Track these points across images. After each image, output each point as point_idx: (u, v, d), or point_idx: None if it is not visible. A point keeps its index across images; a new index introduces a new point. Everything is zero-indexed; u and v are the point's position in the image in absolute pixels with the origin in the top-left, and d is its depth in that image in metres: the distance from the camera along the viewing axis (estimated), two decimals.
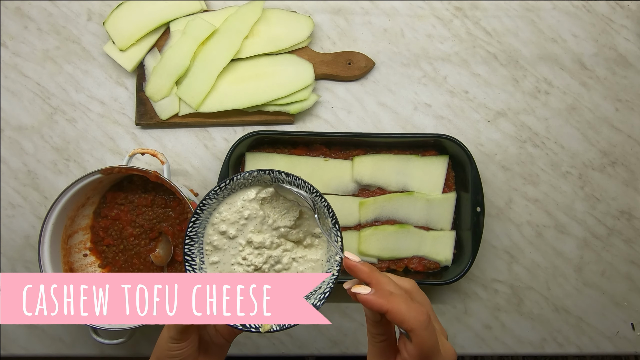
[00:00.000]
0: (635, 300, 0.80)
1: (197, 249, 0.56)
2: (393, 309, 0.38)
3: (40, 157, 0.82)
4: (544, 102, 0.83)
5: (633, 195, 0.82)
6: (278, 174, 0.54)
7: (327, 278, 0.54)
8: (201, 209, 0.55)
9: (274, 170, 0.54)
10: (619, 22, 0.85)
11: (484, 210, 0.74)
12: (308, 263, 0.57)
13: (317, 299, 0.53)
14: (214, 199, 0.55)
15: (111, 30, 0.80)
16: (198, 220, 0.55)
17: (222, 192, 0.55)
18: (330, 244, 0.54)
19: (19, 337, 0.79)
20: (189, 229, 0.55)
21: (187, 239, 0.55)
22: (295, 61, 0.80)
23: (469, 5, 0.85)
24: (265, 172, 0.54)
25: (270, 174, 0.55)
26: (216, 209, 0.57)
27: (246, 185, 0.56)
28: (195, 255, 0.55)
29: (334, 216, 0.54)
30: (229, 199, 0.57)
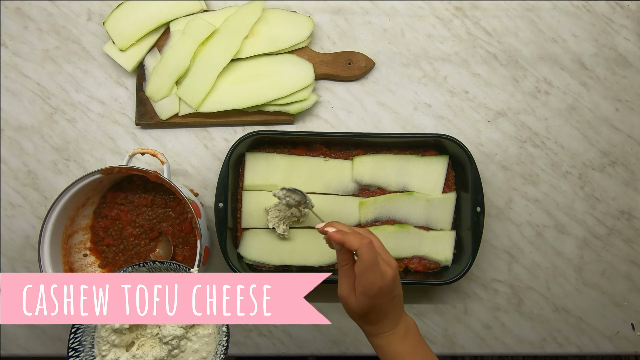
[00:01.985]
0: (635, 300, 0.80)
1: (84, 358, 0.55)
2: (346, 239, 0.54)
3: (40, 157, 0.82)
4: (544, 102, 0.83)
5: (633, 195, 0.82)
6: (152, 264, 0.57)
7: (220, 350, 0.56)
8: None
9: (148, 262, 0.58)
10: (619, 22, 0.85)
11: (484, 210, 0.74)
12: (201, 339, 0.58)
13: None
14: None
15: (111, 30, 0.80)
16: (79, 329, 0.55)
17: None
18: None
19: (19, 337, 0.79)
20: (70, 340, 0.54)
21: (70, 351, 0.54)
22: (295, 61, 0.80)
23: (469, 5, 0.85)
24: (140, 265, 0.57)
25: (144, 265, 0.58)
26: None
27: None
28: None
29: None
30: None
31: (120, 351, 0.57)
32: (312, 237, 0.76)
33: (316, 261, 0.76)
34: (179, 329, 0.56)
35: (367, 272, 0.53)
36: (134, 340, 0.58)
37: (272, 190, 0.77)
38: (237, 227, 0.78)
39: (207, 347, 0.57)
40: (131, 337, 0.58)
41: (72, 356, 0.54)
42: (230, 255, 0.73)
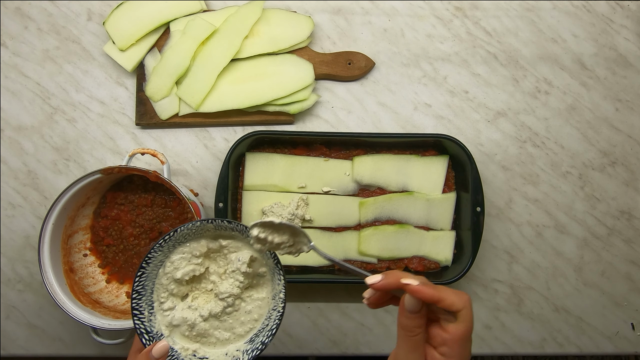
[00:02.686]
0: (635, 300, 0.80)
1: (146, 302, 0.56)
2: (444, 296, 0.43)
3: (40, 157, 0.82)
4: (544, 102, 0.83)
5: (633, 195, 0.82)
6: (221, 222, 0.56)
7: (274, 315, 0.57)
8: (147, 263, 0.56)
9: (216, 219, 0.56)
10: (619, 22, 0.85)
11: (484, 210, 0.74)
12: (255, 302, 0.59)
13: (265, 336, 0.56)
14: (159, 251, 0.56)
15: (111, 30, 0.80)
16: (144, 274, 0.56)
17: (166, 244, 0.56)
18: (274, 282, 0.58)
19: (19, 337, 0.79)
20: (135, 283, 0.55)
21: (134, 293, 0.55)
22: (295, 61, 0.80)
23: (469, 5, 0.85)
24: (208, 221, 0.56)
25: (213, 222, 0.56)
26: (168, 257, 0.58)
27: (191, 235, 0.57)
28: (143, 309, 0.56)
29: (276, 256, 0.56)
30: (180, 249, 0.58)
31: (177, 300, 0.59)
32: (311, 238, 0.76)
33: (316, 261, 0.76)
34: (235, 288, 0.57)
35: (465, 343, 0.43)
36: (188, 292, 0.59)
37: (272, 190, 0.77)
38: None
39: (259, 310, 0.58)
40: (187, 289, 0.59)
41: (135, 298, 0.55)
42: None
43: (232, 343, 0.58)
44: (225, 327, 0.58)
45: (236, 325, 0.58)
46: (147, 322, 0.56)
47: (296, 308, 0.79)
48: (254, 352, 0.55)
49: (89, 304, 0.70)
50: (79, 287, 0.72)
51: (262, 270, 0.59)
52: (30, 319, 0.79)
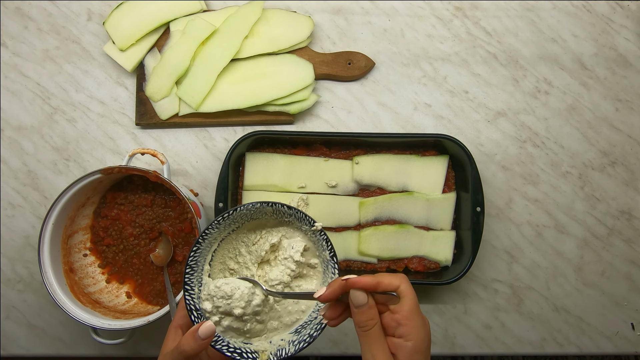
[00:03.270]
0: (635, 300, 0.80)
1: (197, 278, 0.55)
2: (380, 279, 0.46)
3: (40, 157, 0.82)
4: (544, 102, 0.83)
5: (633, 195, 0.82)
6: (280, 207, 0.55)
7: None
8: (203, 239, 0.55)
9: (277, 203, 0.55)
10: (619, 22, 0.85)
11: (484, 210, 0.74)
12: None
13: (314, 329, 0.54)
14: (216, 228, 0.55)
15: (111, 30, 0.80)
16: (199, 249, 0.55)
17: (224, 222, 0.55)
18: (326, 275, 0.56)
19: (19, 337, 0.79)
20: (189, 258, 0.54)
21: (187, 268, 0.54)
22: (295, 61, 0.80)
23: (469, 5, 0.85)
24: (268, 204, 0.55)
25: (272, 206, 0.55)
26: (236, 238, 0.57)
27: (247, 217, 0.57)
28: (194, 285, 0.55)
29: (333, 249, 0.55)
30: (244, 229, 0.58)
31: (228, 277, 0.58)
32: None
33: None
34: (286, 276, 0.56)
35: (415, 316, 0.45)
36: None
37: (272, 190, 0.77)
38: None
39: (307, 302, 0.57)
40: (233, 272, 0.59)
41: (188, 274, 0.54)
42: None
43: (277, 332, 0.57)
44: (272, 315, 0.56)
45: (284, 314, 0.57)
46: (197, 299, 0.54)
47: None
48: (300, 343, 0.54)
49: (89, 304, 0.70)
50: (79, 287, 0.72)
51: (313, 262, 0.58)
52: (30, 319, 0.79)
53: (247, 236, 0.58)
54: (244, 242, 0.58)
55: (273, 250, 0.58)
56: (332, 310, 0.49)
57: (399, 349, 0.45)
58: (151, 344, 0.78)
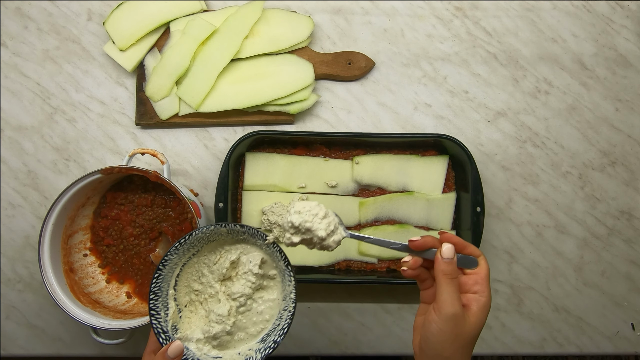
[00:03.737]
0: (635, 300, 0.80)
1: (162, 303, 0.58)
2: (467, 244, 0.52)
3: (40, 157, 0.82)
4: (544, 102, 0.83)
5: (633, 195, 0.82)
6: (233, 226, 0.58)
7: (285, 315, 0.59)
8: (164, 265, 0.58)
9: (229, 223, 0.58)
10: (619, 22, 0.85)
11: (484, 210, 0.74)
12: (266, 303, 0.61)
13: (277, 335, 0.58)
14: (174, 254, 0.58)
15: (111, 30, 0.80)
16: (161, 275, 0.58)
17: (182, 247, 0.58)
18: (284, 283, 0.60)
19: (19, 337, 0.79)
20: (152, 284, 0.57)
21: (151, 294, 0.57)
22: (295, 61, 0.80)
23: (469, 5, 0.85)
24: (221, 225, 0.58)
25: (226, 226, 0.58)
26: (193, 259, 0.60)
27: (204, 239, 0.60)
28: (160, 309, 0.58)
29: (286, 259, 0.58)
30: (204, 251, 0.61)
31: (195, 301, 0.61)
32: None
33: (316, 261, 0.76)
34: (247, 288, 0.59)
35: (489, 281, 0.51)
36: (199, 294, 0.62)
37: (272, 190, 0.77)
38: None
39: (270, 310, 0.60)
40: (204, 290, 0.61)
41: (152, 299, 0.57)
42: None
43: (245, 343, 0.60)
44: (239, 327, 0.59)
45: (249, 325, 0.60)
46: (164, 322, 0.57)
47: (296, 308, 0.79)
48: (266, 350, 0.57)
49: (89, 304, 0.70)
50: (79, 287, 0.72)
51: (272, 273, 0.61)
52: (30, 319, 0.79)
53: (208, 257, 0.61)
54: (206, 264, 0.61)
55: (234, 267, 0.61)
56: (415, 261, 0.53)
57: (474, 302, 0.51)
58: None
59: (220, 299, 0.60)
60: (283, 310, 0.60)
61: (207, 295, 0.61)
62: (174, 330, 0.58)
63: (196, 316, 0.61)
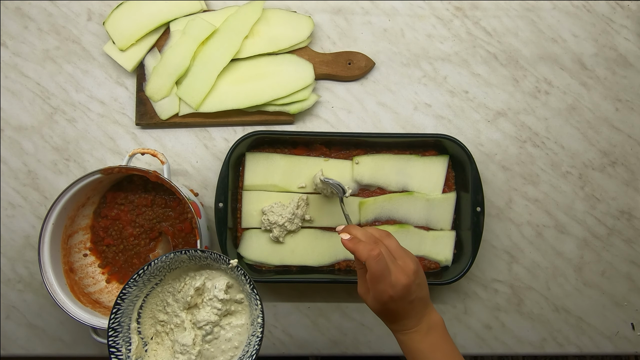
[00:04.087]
0: (635, 300, 0.80)
1: (123, 339, 0.56)
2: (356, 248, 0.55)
3: (40, 157, 0.82)
4: (544, 102, 0.83)
5: (633, 195, 0.82)
6: (194, 252, 0.57)
7: (253, 341, 0.57)
8: (122, 299, 0.56)
9: (189, 250, 0.57)
10: (619, 22, 0.85)
11: (484, 210, 0.74)
12: (235, 329, 0.59)
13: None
14: (133, 286, 0.56)
15: (111, 30, 0.80)
16: (120, 310, 0.56)
17: (141, 279, 0.56)
18: (252, 308, 0.58)
19: (19, 337, 0.79)
20: (111, 320, 0.55)
21: (110, 331, 0.55)
22: (295, 61, 0.80)
23: (469, 5, 0.85)
24: (181, 252, 0.57)
25: (186, 253, 0.57)
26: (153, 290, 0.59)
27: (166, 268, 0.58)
28: (120, 346, 0.56)
29: (252, 282, 0.57)
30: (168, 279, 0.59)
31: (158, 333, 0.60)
32: (312, 237, 0.76)
33: (316, 261, 0.76)
34: (213, 315, 0.58)
35: (375, 283, 0.54)
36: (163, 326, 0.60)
37: (272, 190, 0.77)
38: (237, 227, 0.78)
39: (239, 337, 0.59)
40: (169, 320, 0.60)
41: (112, 336, 0.56)
42: (230, 255, 0.73)
43: None
44: (206, 356, 0.58)
45: (217, 354, 0.58)
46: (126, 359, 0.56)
47: (296, 308, 0.79)
48: None
49: (89, 304, 0.70)
50: (79, 287, 0.72)
51: (239, 297, 0.60)
52: (30, 319, 0.79)
53: (172, 285, 0.60)
54: (170, 292, 0.60)
55: (199, 294, 0.59)
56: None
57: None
58: None
59: (185, 328, 0.58)
60: (251, 335, 0.58)
61: (173, 325, 0.59)
62: None
63: (163, 348, 0.59)
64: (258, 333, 0.57)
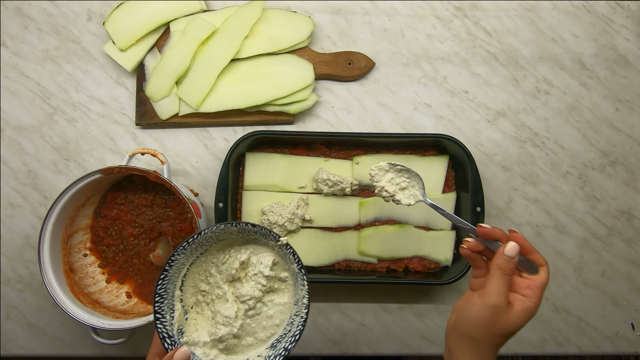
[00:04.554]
0: (635, 300, 0.80)
1: (168, 305, 0.56)
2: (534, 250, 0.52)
3: (40, 157, 0.82)
4: (544, 102, 0.83)
5: (633, 195, 0.82)
6: (244, 226, 0.56)
7: (296, 321, 0.56)
8: (170, 266, 0.56)
9: (241, 222, 0.56)
10: (619, 22, 0.85)
11: (484, 210, 0.74)
12: (277, 307, 0.58)
13: (289, 342, 0.55)
14: (182, 254, 0.56)
15: (111, 30, 0.80)
16: (167, 276, 0.56)
17: (190, 247, 0.56)
18: (297, 287, 0.57)
19: (19, 337, 0.79)
20: (158, 286, 0.55)
21: (156, 297, 0.55)
22: (295, 61, 0.80)
23: (469, 5, 0.85)
24: (232, 224, 0.56)
25: (237, 225, 0.56)
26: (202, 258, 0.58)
27: (214, 238, 0.58)
28: (165, 312, 0.56)
29: (300, 262, 0.56)
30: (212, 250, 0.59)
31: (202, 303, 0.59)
32: (311, 237, 0.76)
33: (316, 261, 0.76)
34: (257, 291, 0.57)
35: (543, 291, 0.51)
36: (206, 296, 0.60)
37: (272, 190, 0.77)
38: None
39: (281, 315, 0.58)
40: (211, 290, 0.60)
41: (158, 302, 0.55)
42: None
43: (253, 348, 0.57)
44: (247, 331, 0.57)
45: (258, 329, 0.58)
46: (169, 326, 0.55)
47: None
48: (276, 357, 0.55)
49: (89, 304, 0.70)
50: (79, 287, 0.72)
51: (284, 275, 0.59)
52: (30, 319, 0.79)
53: (216, 257, 0.60)
54: (214, 263, 0.59)
55: (243, 268, 0.59)
56: (474, 245, 0.55)
57: (519, 302, 0.51)
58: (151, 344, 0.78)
59: (228, 300, 0.58)
60: (295, 315, 0.57)
61: (215, 296, 0.58)
62: (179, 334, 0.56)
63: (202, 318, 0.59)
64: (303, 314, 0.56)
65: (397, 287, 0.80)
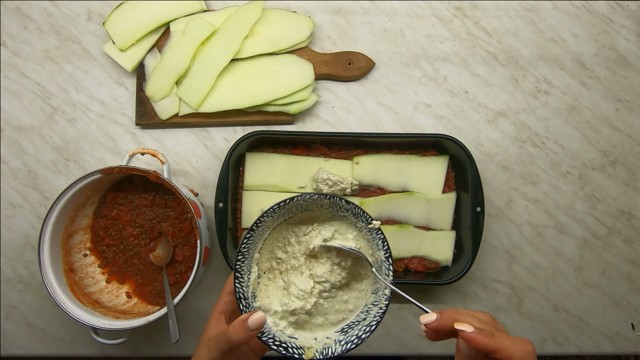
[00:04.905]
0: (635, 300, 0.80)
1: (247, 266, 0.54)
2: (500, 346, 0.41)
3: (40, 157, 0.82)
4: (544, 102, 0.83)
5: (633, 195, 0.82)
6: (338, 201, 0.54)
7: (374, 311, 0.53)
8: (257, 226, 0.53)
9: (335, 196, 0.53)
10: (619, 22, 0.85)
11: (484, 210, 0.74)
12: (353, 292, 0.56)
13: (363, 331, 0.52)
14: (270, 216, 0.53)
15: (111, 30, 0.80)
16: (252, 236, 0.53)
17: (279, 210, 0.54)
18: (381, 273, 0.54)
19: (19, 337, 0.79)
20: (242, 245, 0.53)
21: (239, 255, 0.53)
22: (295, 61, 0.80)
23: (469, 5, 0.85)
24: (326, 196, 0.53)
25: (330, 199, 0.54)
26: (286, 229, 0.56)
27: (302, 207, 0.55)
28: (244, 272, 0.53)
29: (388, 250, 0.53)
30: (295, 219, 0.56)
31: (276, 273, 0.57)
32: None
33: None
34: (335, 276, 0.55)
35: None
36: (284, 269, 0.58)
37: (272, 190, 0.77)
38: (237, 227, 0.78)
39: (356, 301, 0.56)
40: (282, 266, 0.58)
41: (239, 261, 0.53)
42: (230, 255, 0.73)
43: (322, 329, 0.55)
44: (319, 310, 0.55)
45: (330, 311, 0.55)
46: (246, 287, 0.53)
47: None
48: (348, 344, 0.52)
49: (89, 304, 0.70)
50: (79, 287, 0.72)
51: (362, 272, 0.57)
52: (30, 319, 0.79)
53: (298, 227, 0.57)
54: (294, 232, 0.57)
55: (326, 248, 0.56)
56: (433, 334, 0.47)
57: None
58: (151, 344, 0.78)
59: (302, 273, 0.55)
60: (372, 304, 0.54)
61: (289, 266, 0.56)
62: (252, 298, 0.53)
63: (274, 286, 0.56)
64: (382, 305, 0.53)
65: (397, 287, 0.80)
